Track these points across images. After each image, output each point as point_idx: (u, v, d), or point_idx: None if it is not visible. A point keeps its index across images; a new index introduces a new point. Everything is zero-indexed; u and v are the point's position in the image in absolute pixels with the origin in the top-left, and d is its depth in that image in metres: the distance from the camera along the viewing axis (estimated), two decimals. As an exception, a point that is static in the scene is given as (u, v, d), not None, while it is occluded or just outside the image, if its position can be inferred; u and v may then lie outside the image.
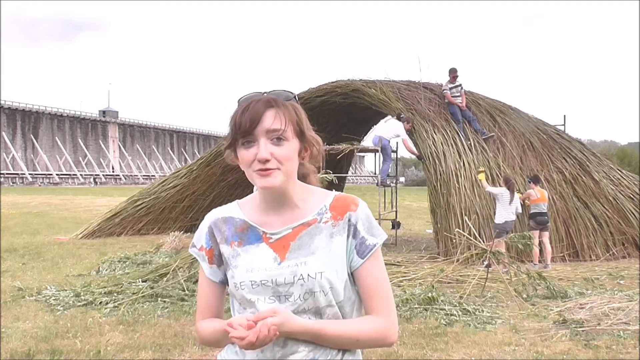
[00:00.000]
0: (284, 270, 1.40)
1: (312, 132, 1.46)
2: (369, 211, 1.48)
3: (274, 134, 1.36)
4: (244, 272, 1.43)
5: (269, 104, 1.38)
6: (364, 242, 1.43)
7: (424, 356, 4.85)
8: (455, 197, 10.47)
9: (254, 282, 1.41)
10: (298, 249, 1.41)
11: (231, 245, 1.47)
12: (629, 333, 5.36)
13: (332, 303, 1.40)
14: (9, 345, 5.03)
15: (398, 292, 6.97)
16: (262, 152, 1.34)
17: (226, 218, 1.51)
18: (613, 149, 66.35)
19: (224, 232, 1.50)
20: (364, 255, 1.43)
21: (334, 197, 1.48)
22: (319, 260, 1.40)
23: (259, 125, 1.35)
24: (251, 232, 1.46)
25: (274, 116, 1.36)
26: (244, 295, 1.42)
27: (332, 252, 1.41)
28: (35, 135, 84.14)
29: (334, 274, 1.40)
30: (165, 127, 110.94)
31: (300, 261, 1.40)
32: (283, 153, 1.36)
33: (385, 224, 13.71)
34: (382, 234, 1.46)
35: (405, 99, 12.05)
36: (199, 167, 14.15)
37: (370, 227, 1.45)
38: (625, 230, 10.84)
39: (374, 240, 1.44)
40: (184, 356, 4.85)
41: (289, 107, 1.39)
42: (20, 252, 10.83)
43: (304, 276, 1.38)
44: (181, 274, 7.33)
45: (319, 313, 1.40)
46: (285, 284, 1.39)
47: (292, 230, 1.43)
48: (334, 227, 1.43)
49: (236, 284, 1.44)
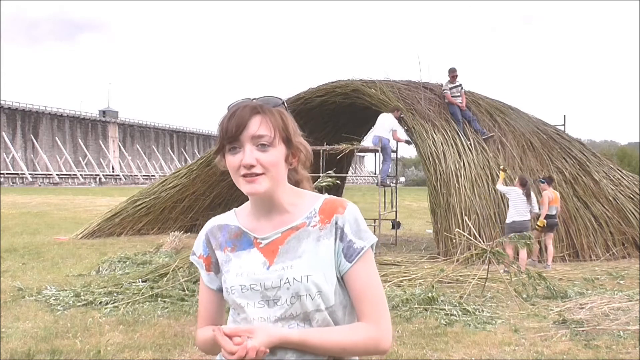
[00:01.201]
0: (272, 274, 1.40)
1: (299, 137, 1.46)
2: (359, 214, 1.47)
3: (260, 140, 1.37)
4: (234, 276, 1.45)
5: (255, 111, 1.39)
6: (352, 246, 1.42)
7: (424, 356, 4.85)
8: (455, 197, 10.47)
9: (243, 286, 1.42)
10: (286, 252, 1.42)
11: (224, 251, 1.50)
12: (629, 333, 5.36)
13: (320, 308, 1.39)
14: (9, 345, 5.03)
15: (398, 292, 6.97)
16: (247, 158, 1.36)
17: (221, 225, 1.54)
18: (613, 149, 66.40)
19: (218, 239, 1.52)
20: (352, 258, 1.41)
21: (323, 201, 1.47)
22: (305, 264, 1.39)
23: (244, 131, 1.37)
24: (244, 238, 1.48)
25: (259, 122, 1.37)
26: (235, 300, 1.44)
27: (319, 256, 1.41)
28: (35, 135, 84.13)
29: (322, 278, 1.39)
30: (165, 127, 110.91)
31: (287, 264, 1.40)
32: (268, 159, 1.37)
33: (385, 224, 13.73)
34: (370, 237, 1.44)
35: (405, 99, 12.06)
36: (199, 167, 14.15)
37: (359, 230, 1.43)
38: (625, 230, 10.84)
39: (362, 244, 1.42)
40: (184, 356, 4.85)
41: (274, 114, 1.40)
42: (20, 252, 10.83)
43: (290, 280, 1.38)
44: (181, 274, 7.34)
45: (308, 319, 1.39)
46: (273, 287, 1.40)
47: (281, 234, 1.44)
48: (321, 230, 1.43)
49: (227, 288, 1.46)
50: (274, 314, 1.40)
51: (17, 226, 15.92)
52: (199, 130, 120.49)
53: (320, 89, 12.89)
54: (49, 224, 17.08)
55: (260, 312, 1.41)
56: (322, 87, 12.94)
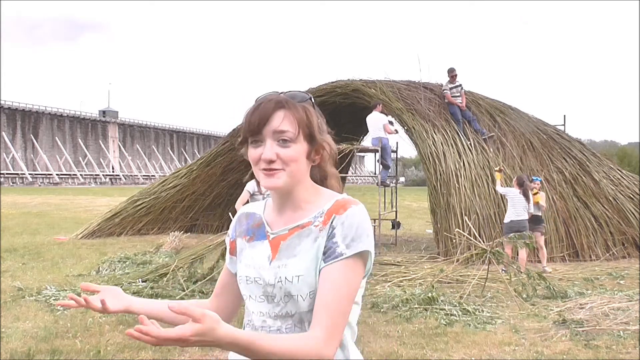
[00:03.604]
0: (270, 270, 1.40)
1: (324, 134, 1.45)
2: (362, 220, 1.38)
3: (281, 135, 1.36)
4: (244, 266, 1.47)
5: (279, 105, 1.38)
6: (333, 248, 1.35)
7: (424, 356, 4.85)
8: (455, 197, 10.47)
9: (248, 277, 1.44)
10: (285, 249, 1.42)
11: (244, 238, 1.52)
12: (629, 333, 5.36)
13: (312, 309, 1.36)
14: (9, 345, 5.03)
15: (398, 292, 6.97)
16: (267, 153, 1.35)
17: (249, 213, 1.56)
18: (613, 149, 66.42)
19: (243, 226, 1.54)
20: (327, 259, 1.35)
21: (335, 201, 1.44)
22: (299, 264, 1.37)
23: (266, 125, 1.36)
24: (262, 229, 1.49)
25: (282, 117, 1.36)
26: (242, 290, 1.46)
27: (312, 256, 1.38)
28: (35, 135, 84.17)
29: (313, 279, 1.36)
30: (165, 127, 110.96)
31: (283, 263, 1.40)
32: (288, 154, 1.36)
33: (385, 224, 13.72)
34: (359, 247, 1.34)
35: (405, 99, 12.06)
36: (199, 167, 14.15)
37: (350, 236, 1.35)
38: (625, 230, 10.84)
39: (343, 250, 1.34)
40: (184, 356, 4.85)
41: (299, 109, 1.39)
42: (20, 252, 10.82)
43: (282, 279, 1.38)
44: (181, 274, 7.34)
45: (302, 319, 1.38)
46: (270, 284, 1.40)
47: (288, 231, 1.43)
48: (320, 231, 1.40)
49: (239, 277, 1.48)
50: (273, 311, 1.40)
51: (17, 226, 15.91)
52: (199, 130, 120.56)
53: (320, 89, 12.89)
54: (49, 224, 17.07)
55: (260, 307, 1.41)
56: (322, 87, 12.94)
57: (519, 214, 8.91)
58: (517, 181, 9.19)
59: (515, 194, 9.00)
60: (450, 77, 12.06)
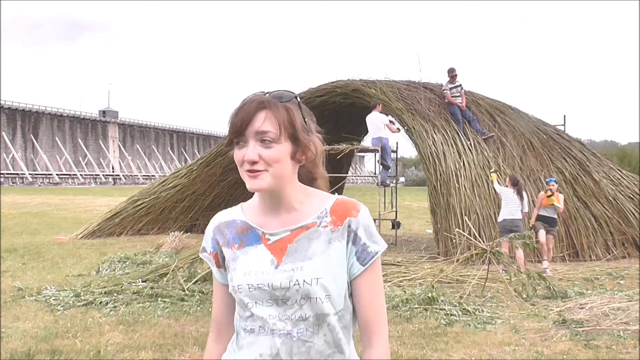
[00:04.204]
0: (281, 274, 1.38)
1: (308, 134, 1.42)
2: (370, 218, 1.46)
3: (263, 136, 1.35)
4: (241, 275, 1.42)
5: (262, 106, 1.37)
6: (366, 249, 1.41)
7: (424, 356, 4.85)
8: (455, 197, 10.47)
9: (250, 285, 1.40)
10: (295, 252, 1.40)
11: (232, 247, 1.47)
12: (629, 333, 5.36)
13: (330, 312, 1.38)
14: (9, 345, 5.03)
15: (398, 292, 6.97)
16: (249, 154, 1.35)
17: (228, 222, 1.51)
18: (613, 149, 66.39)
19: (226, 236, 1.50)
20: (366, 262, 1.41)
21: (334, 201, 1.45)
22: (316, 266, 1.37)
23: (249, 126, 1.36)
24: (251, 233, 1.46)
25: (264, 118, 1.36)
26: (242, 299, 1.42)
27: (330, 258, 1.39)
28: (35, 135, 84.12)
29: (332, 281, 1.37)
30: (165, 127, 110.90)
31: (297, 266, 1.38)
32: (271, 155, 1.35)
33: (385, 224, 13.72)
34: (382, 242, 1.44)
35: (405, 99, 12.06)
36: (199, 167, 14.15)
37: (371, 235, 1.43)
38: (625, 230, 10.84)
39: (376, 248, 1.42)
40: (184, 356, 4.85)
41: (280, 109, 1.37)
42: (20, 252, 10.82)
43: (300, 282, 1.36)
44: (181, 274, 7.34)
45: (318, 323, 1.38)
46: (282, 288, 1.37)
47: (291, 232, 1.42)
48: (332, 232, 1.41)
49: (234, 287, 1.43)
50: (284, 313, 1.38)
51: (17, 226, 15.91)
52: (199, 130, 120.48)
53: (320, 89, 12.89)
54: (49, 224, 17.07)
55: (269, 311, 1.39)
56: (322, 87, 12.94)
57: (512, 213, 8.95)
58: (511, 180, 9.25)
59: (509, 193, 9.04)
60: (450, 77, 12.06)
